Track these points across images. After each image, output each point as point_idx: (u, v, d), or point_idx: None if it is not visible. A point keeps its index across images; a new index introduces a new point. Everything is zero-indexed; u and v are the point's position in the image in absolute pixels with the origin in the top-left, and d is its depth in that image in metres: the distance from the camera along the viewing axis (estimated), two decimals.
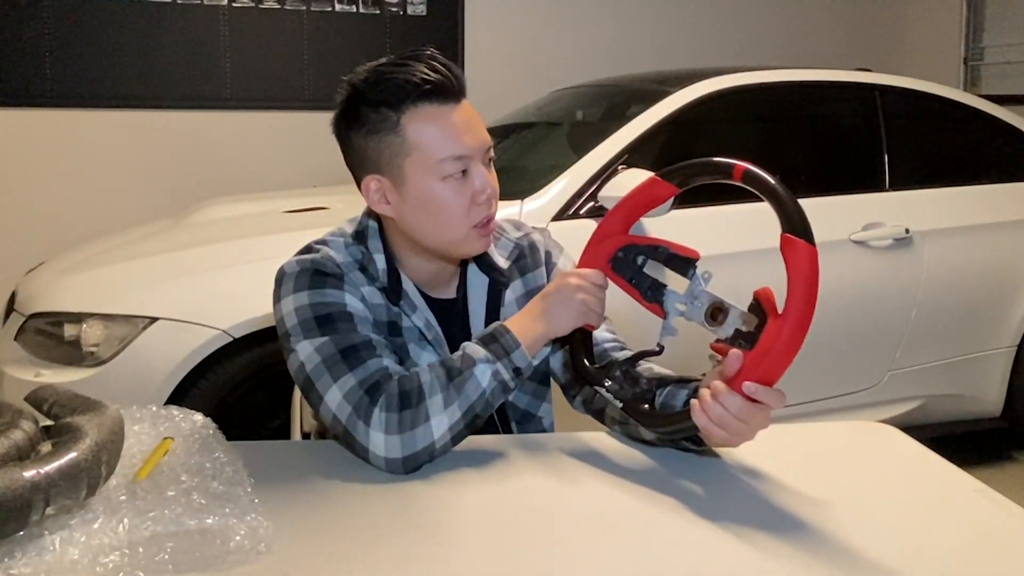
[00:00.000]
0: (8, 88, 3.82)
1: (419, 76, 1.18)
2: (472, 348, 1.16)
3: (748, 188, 1.07)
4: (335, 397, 1.13)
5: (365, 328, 1.20)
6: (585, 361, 1.21)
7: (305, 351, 1.17)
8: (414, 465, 1.11)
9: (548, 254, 1.39)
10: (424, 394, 1.12)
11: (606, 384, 1.17)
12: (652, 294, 1.15)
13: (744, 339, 1.06)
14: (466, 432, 1.15)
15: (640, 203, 1.18)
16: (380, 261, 1.27)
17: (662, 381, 1.20)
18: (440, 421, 1.11)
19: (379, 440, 1.10)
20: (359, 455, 1.12)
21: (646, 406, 1.14)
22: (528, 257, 1.37)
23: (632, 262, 1.17)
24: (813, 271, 1.00)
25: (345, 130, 1.24)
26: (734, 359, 1.03)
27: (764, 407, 1.03)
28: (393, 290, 1.26)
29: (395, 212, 1.24)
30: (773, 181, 1.06)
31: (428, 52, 1.20)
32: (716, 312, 1.09)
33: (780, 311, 1.03)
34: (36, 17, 3.82)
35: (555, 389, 1.41)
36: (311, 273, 1.22)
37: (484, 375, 1.13)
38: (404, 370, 1.18)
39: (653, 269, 1.16)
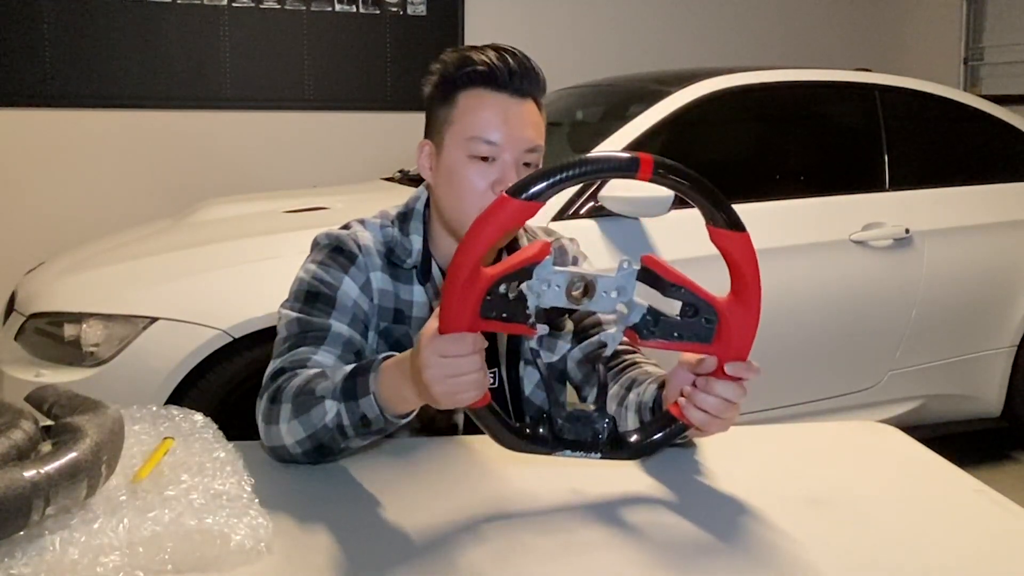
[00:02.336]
0: (8, 88, 3.82)
1: (481, 59, 1.24)
2: (340, 374, 1.09)
3: (661, 184, 0.97)
4: (267, 371, 1.20)
5: (342, 316, 1.24)
6: (517, 437, 1.03)
7: (282, 319, 1.25)
8: (282, 459, 1.14)
9: (575, 260, 1.42)
10: (281, 398, 1.13)
11: (565, 452, 1.04)
12: (523, 315, 0.97)
13: (682, 329, 1.01)
14: (317, 454, 1.11)
15: (491, 236, 0.93)
16: (417, 242, 1.31)
17: (605, 398, 1.17)
18: (283, 429, 1.11)
19: (259, 424, 1.15)
20: None
21: (631, 438, 1.08)
22: (556, 260, 1.38)
23: (498, 296, 0.96)
24: (753, 254, 0.99)
25: (427, 98, 1.31)
26: (710, 363, 1.03)
27: (743, 384, 1.03)
28: (424, 271, 1.31)
29: (432, 179, 1.30)
30: (691, 174, 0.96)
31: (510, 48, 1.26)
32: (578, 286, 0.97)
33: (715, 294, 1.01)
34: (36, 17, 3.82)
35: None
36: (330, 249, 1.29)
37: (330, 410, 1.08)
38: (329, 366, 1.18)
39: (518, 292, 0.98)
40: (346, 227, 1.33)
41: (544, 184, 0.93)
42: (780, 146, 3.19)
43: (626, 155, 0.96)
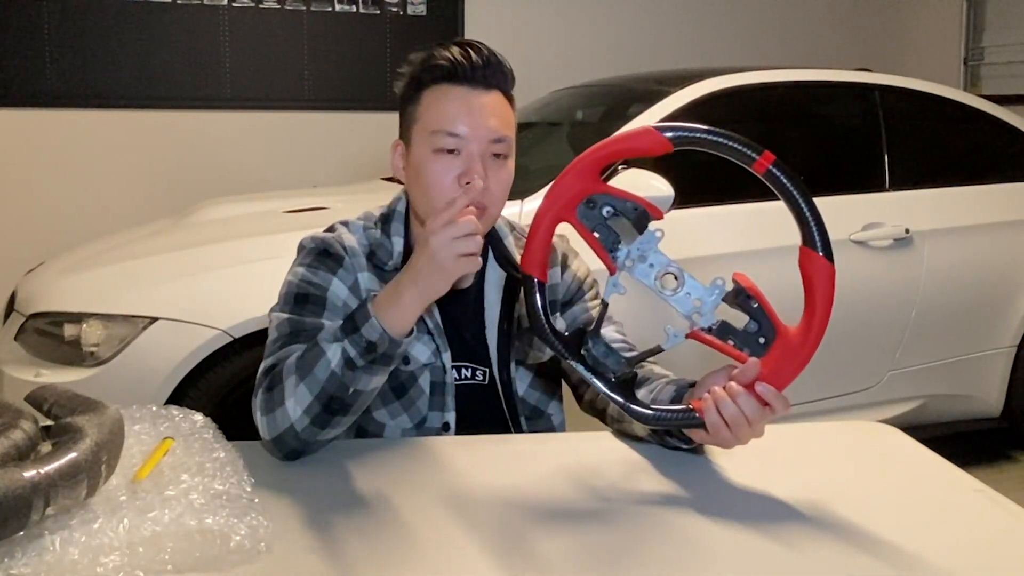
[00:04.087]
0: (8, 88, 3.82)
1: (443, 55, 1.24)
2: (335, 324, 1.15)
3: (768, 184, 1.03)
4: (259, 371, 1.19)
5: (332, 317, 1.24)
6: (545, 326, 1.08)
7: (273, 322, 1.24)
8: (285, 448, 1.13)
9: (564, 257, 1.41)
10: (283, 375, 1.13)
11: (578, 364, 1.08)
12: (610, 247, 1.07)
13: (737, 337, 1.06)
14: (326, 414, 1.12)
15: (623, 151, 1.07)
16: (398, 244, 1.31)
17: (635, 364, 1.19)
18: (292, 402, 1.11)
19: (258, 420, 1.14)
20: None
21: (641, 397, 1.10)
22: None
23: (599, 212, 1.07)
24: (832, 289, 1.03)
25: (399, 98, 1.31)
26: (752, 367, 1.04)
27: (769, 412, 1.05)
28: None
29: (405, 177, 1.31)
30: (799, 186, 1.02)
31: (475, 42, 1.26)
32: (669, 278, 1.06)
33: (785, 321, 1.05)
34: (36, 17, 3.82)
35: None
36: (317, 252, 1.28)
37: (335, 354, 1.10)
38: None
39: (616, 223, 1.08)
40: (330, 229, 1.33)
41: (682, 133, 1.05)
42: (780, 146, 3.15)
43: (752, 144, 1.04)
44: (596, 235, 1.07)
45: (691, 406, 1.07)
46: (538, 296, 1.08)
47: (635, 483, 1.10)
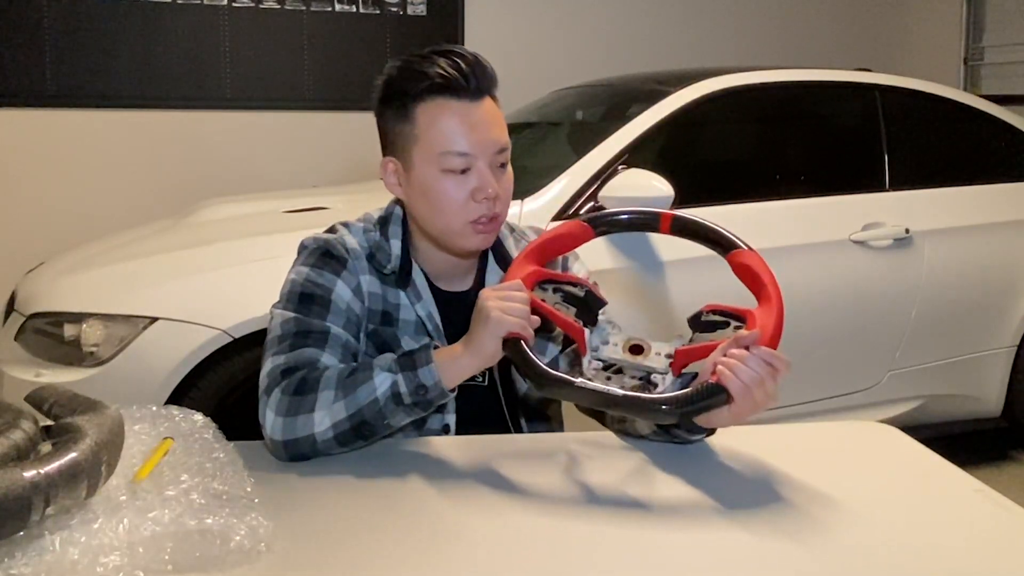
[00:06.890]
0: (8, 88, 3.82)
1: (434, 71, 1.21)
2: (389, 355, 1.17)
3: (678, 236, 1.17)
4: (265, 369, 1.19)
5: (336, 319, 1.24)
6: (545, 368, 1.10)
7: (276, 319, 1.24)
8: (295, 452, 1.13)
9: (564, 259, 1.41)
10: (318, 386, 1.14)
11: (587, 382, 1.09)
12: (581, 322, 1.15)
13: (713, 337, 1.12)
14: (352, 435, 1.13)
15: (559, 245, 1.22)
16: (396, 247, 1.30)
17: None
18: (323, 415, 1.12)
19: (270, 420, 1.14)
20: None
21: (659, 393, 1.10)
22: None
23: (551, 294, 1.18)
24: (766, 265, 1.14)
25: (378, 112, 1.30)
26: (752, 335, 1.07)
27: (775, 374, 1.06)
28: (403, 276, 1.30)
29: (404, 195, 1.30)
30: (700, 222, 1.16)
31: (456, 49, 1.24)
32: (635, 348, 1.13)
33: (742, 307, 1.13)
34: (36, 17, 3.82)
35: None
36: (320, 253, 1.28)
37: (383, 383, 1.12)
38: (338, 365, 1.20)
39: (575, 301, 1.18)
40: (331, 230, 1.32)
41: (599, 218, 1.23)
42: (780, 146, 3.19)
43: (652, 211, 1.22)
44: (559, 311, 1.16)
45: (707, 380, 1.07)
46: (528, 352, 1.11)
47: (635, 483, 1.10)
